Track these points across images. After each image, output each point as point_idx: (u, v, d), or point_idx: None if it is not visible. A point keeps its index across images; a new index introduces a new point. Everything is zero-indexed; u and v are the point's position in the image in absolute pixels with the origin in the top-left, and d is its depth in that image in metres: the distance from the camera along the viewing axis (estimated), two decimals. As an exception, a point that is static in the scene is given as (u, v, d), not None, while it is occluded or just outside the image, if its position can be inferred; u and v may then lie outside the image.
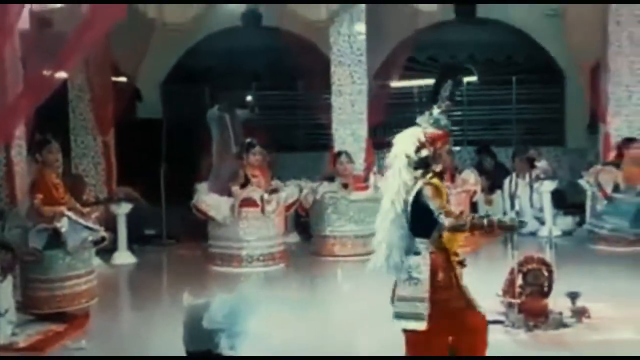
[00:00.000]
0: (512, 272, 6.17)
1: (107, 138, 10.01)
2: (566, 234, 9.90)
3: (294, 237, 9.82)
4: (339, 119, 9.86)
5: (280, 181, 9.13)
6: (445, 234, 4.19)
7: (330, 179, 9.26)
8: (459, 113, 13.15)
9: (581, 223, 9.97)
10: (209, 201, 8.57)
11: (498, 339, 5.77)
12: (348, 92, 9.82)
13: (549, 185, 10.01)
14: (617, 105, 9.73)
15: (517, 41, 12.46)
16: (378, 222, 4.33)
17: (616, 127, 9.73)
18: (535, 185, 10.04)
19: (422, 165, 4.18)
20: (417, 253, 4.22)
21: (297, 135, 12.95)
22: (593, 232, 9.40)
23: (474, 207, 9.94)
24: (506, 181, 10.31)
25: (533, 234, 9.48)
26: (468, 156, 12.19)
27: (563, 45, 10.61)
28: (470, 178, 9.57)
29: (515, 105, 12.94)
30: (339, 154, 9.42)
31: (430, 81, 12.97)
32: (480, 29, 12.62)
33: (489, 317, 6.01)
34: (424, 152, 4.19)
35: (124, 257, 9.01)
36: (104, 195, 9.67)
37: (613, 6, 9.64)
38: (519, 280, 6.11)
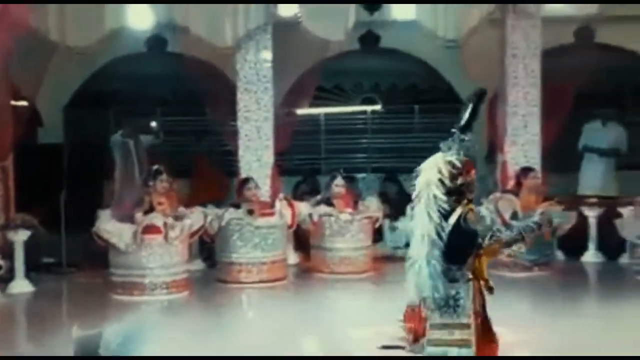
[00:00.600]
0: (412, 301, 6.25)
1: (6, 163, 9.70)
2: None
3: (198, 264, 9.74)
4: (245, 145, 9.86)
5: (185, 208, 9.04)
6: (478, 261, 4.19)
7: (236, 205, 9.24)
8: (363, 140, 13.39)
9: (480, 249, 10.20)
10: (111, 228, 8.40)
11: (399, 366, 5.88)
12: (254, 119, 9.85)
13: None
14: (514, 134, 10.07)
15: (420, 71, 12.77)
16: (414, 255, 4.16)
17: (513, 156, 10.07)
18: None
19: (457, 193, 4.16)
20: (455, 280, 4.18)
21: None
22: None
23: (377, 233, 10.08)
24: (409, 208, 10.45)
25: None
26: (372, 184, 12.37)
27: (463, 76, 10.93)
28: (373, 205, 9.71)
29: (417, 133, 13.24)
30: (247, 180, 9.42)
31: (337, 109, 13.34)
32: (384, 59, 12.90)
33: (389, 343, 6.18)
34: (460, 180, 4.18)
35: (21, 285, 8.72)
36: (0, 222, 9.36)
37: (510, 39, 10.01)
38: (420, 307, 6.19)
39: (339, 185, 9.63)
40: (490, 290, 4.35)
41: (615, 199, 10.26)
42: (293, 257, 9.95)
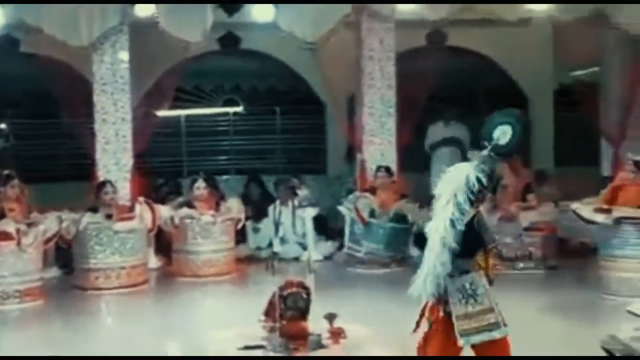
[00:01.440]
0: (272, 296, 6.33)
1: None
2: (327, 258, 10.32)
3: (54, 272, 9.42)
4: (102, 148, 9.65)
5: (39, 213, 8.74)
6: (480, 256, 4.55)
7: (94, 209, 9.02)
8: (225, 142, 13.38)
9: (341, 247, 10.45)
10: (-41, 236, 8.02)
11: (260, 364, 5.92)
12: (112, 121, 9.65)
13: (311, 212, 10.43)
14: (371, 135, 10.33)
15: (280, 72, 12.88)
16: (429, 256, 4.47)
17: (370, 156, 10.33)
18: (298, 212, 10.40)
19: (476, 202, 4.45)
20: (467, 271, 4.48)
21: (58, 165, 12.48)
22: (351, 255, 9.88)
23: (240, 234, 10.10)
24: (270, 209, 10.58)
25: (296, 259, 9.79)
26: (236, 185, 12.38)
27: (325, 77, 11.11)
28: (234, 206, 9.72)
29: (279, 135, 13.36)
30: (104, 183, 9.21)
31: (198, 111, 13.26)
32: (245, 60, 12.92)
33: (250, 343, 6.21)
34: (482, 193, 4.48)
35: None
36: None
37: (366, 42, 10.27)
38: (280, 305, 6.27)
39: (200, 187, 9.59)
40: (491, 282, 4.63)
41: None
42: (154, 261, 9.81)
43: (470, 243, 4.44)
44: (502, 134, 4.66)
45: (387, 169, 10.08)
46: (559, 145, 12.78)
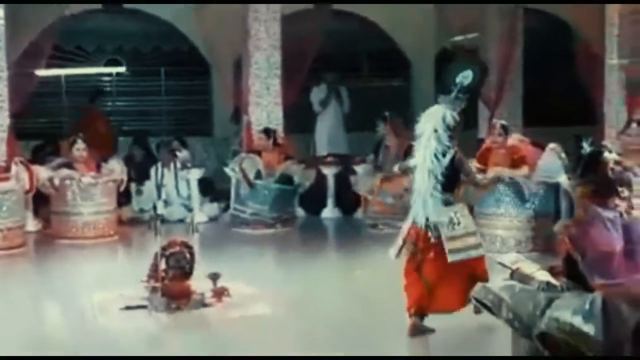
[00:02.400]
0: (155, 257, 6.29)
1: None
2: (212, 219, 10.29)
3: None
4: (-23, 107, 9.23)
5: None
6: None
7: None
8: (108, 103, 13.07)
9: (227, 209, 10.44)
10: None
11: (140, 324, 5.89)
12: (-12, 80, 9.24)
13: (196, 174, 10.36)
14: (257, 96, 10.30)
15: (164, 33, 12.63)
16: (420, 188, 5.35)
17: (257, 118, 10.31)
18: (182, 173, 10.31)
19: (455, 134, 5.31)
20: (451, 203, 5.40)
21: None
22: (237, 216, 9.89)
23: (125, 196, 9.93)
24: (152, 171, 10.43)
25: (181, 220, 9.70)
26: (120, 146, 12.12)
27: (209, 38, 10.98)
28: (117, 168, 9.52)
29: (164, 96, 13.15)
30: None
31: (79, 70, 12.86)
32: (128, 19, 12.61)
33: (132, 303, 6.17)
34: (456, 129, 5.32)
35: None
36: None
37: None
38: (162, 264, 6.24)
39: (79, 148, 9.34)
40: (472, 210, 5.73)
41: (349, 157, 10.89)
42: (32, 224, 9.53)
43: (452, 178, 5.38)
44: (464, 77, 5.44)
45: (273, 131, 10.10)
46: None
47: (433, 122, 5.27)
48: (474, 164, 8.27)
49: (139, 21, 12.64)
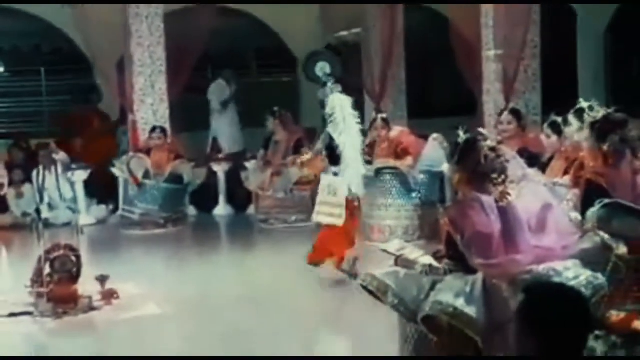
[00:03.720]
0: (39, 261, 6.11)
1: None
2: (100, 222, 10.06)
3: None
4: None
5: None
6: None
7: None
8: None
9: (115, 210, 10.22)
10: None
11: (26, 331, 5.71)
12: None
13: (81, 175, 10.10)
14: (143, 94, 10.14)
15: (45, 32, 12.26)
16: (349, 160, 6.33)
17: (143, 116, 10.15)
18: (66, 175, 10.02)
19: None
20: (335, 174, 6.45)
21: None
22: (126, 217, 9.70)
23: (2, 200, 9.59)
24: (34, 174, 10.09)
25: (68, 224, 9.43)
26: (-1, 149, 11.68)
27: (90, 38, 10.70)
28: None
29: (45, 97, 12.76)
30: None
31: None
32: (6, 18, 12.17)
33: (17, 310, 5.98)
34: None
35: None
36: None
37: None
38: (47, 269, 6.07)
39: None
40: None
41: (240, 154, 10.87)
42: None
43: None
44: (322, 68, 6.70)
45: (162, 129, 9.95)
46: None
47: (340, 105, 6.21)
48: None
49: (17, 20, 12.22)
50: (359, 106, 11.25)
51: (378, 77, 10.72)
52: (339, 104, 6.28)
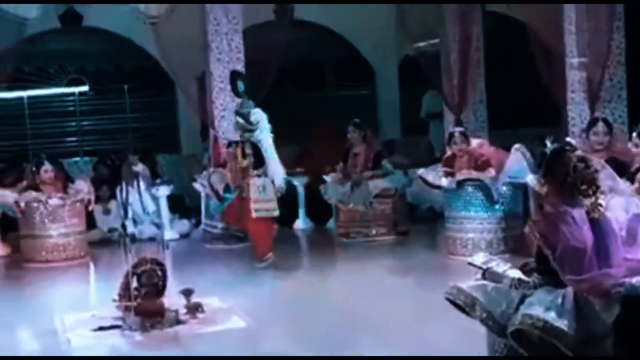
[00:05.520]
0: (126, 276, 6.23)
1: None
2: (184, 236, 10.22)
3: None
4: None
5: None
6: None
7: None
8: (73, 124, 12.96)
9: (198, 225, 10.37)
10: None
11: (115, 344, 5.82)
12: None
13: (164, 190, 10.29)
14: (223, 110, 10.29)
15: (126, 50, 12.57)
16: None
17: (223, 131, 10.29)
18: (152, 190, 10.23)
19: None
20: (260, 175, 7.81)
21: None
22: (208, 232, 9.83)
23: (90, 216, 9.83)
24: (117, 190, 10.33)
25: (152, 239, 9.59)
26: (85, 166, 12.03)
27: (170, 55, 10.91)
28: (84, 187, 9.42)
29: (129, 114, 13.07)
30: None
31: (41, 92, 12.74)
32: (88, 39, 12.54)
33: (106, 324, 6.11)
34: None
35: None
36: None
37: (211, 15, 10.15)
38: (134, 283, 6.18)
39: (46, 170, 9.24)
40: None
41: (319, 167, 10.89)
42: (1, 248, 9.41)
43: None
44: (239, 86, 8.04)
45: (237, 143, 10.02)
46: (405, 115, 13.18)
47: (261, 117, 7.73)
48: (441, 168, 8.36)
49: (99, 40, 12.58)
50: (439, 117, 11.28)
51: (457, 88, 10.61)
52: (260, 114, 7.68)
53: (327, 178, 10.01)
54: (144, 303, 6.15)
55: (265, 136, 7.68)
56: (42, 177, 9.20)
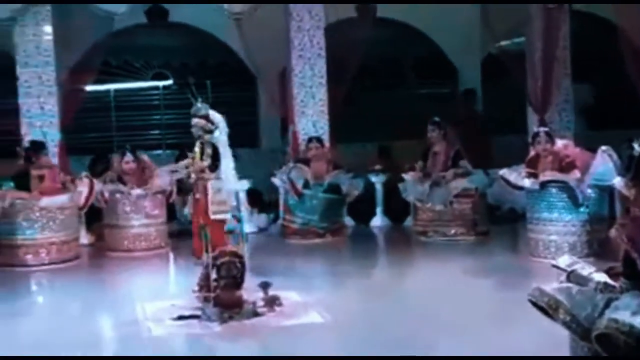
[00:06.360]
0: (206, 267, 6.32)
1: None
2: (262, 230, 10.32)
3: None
4: (28, 123, 9.44)
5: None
6: None
7: (20, 175, 8.81)
8: (156, 117, 13.21)
9: (276, 219, 10.45)
10: None
11: (193, 333, 5.90)
12: (36, 95, 9.44)
13: (244, 185, 10.37)
14: (303, 106, 10.34)
15: (210, 46, 12.74)
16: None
17: (303, 127, 10.34)
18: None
19: None
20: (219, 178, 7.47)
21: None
22: (286, 226, 9.89)
23: (171, 208, 10.00)
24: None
25: (231, 231, 9.68)
26: (167, 159, 12.23)
27: (253, 50, 11.02)
28: (165, 180, 9.60)
29: (212, 108, 13.21)
30: (40, 144, 9.05)
31: (127, 85, 13.01)
32: (173, 34, 12.75)
33: (184, 313, 6.20)
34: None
35: None
36: None
37: (294, 12, 10.23)
38: (213, 274, 6.26)
39: (129, 161, 9.45)
40: None
41: (398, 165, 10.83)
42: (86, 237, 9.65)
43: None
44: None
45: (319, 140, 10.11)
46: (487, 114, 12.99)
47: (218, 117, 7.67)
48: (524, 169, 8.20)
49: (184, 35, 12.77)
50: (522, 117, 11.08)
51: (542, 87, 10.39)
52: (218, 115, 7.71)
53: (406, 176, 9.94)
54: (223, 294, 6.22)
55: (223, 137, 7.67)
56: (124, 168, 9.40)
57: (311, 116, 10.34)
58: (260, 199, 11.17)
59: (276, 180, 10.24)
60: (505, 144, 12.19)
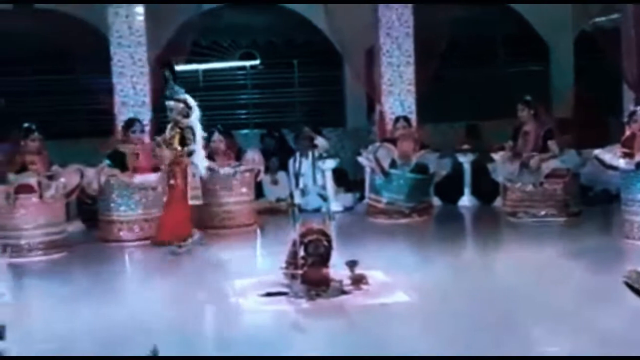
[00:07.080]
0: (293, 244, 6.35)
1: None
2: (347, 209, 10.32)
3: (78, 225, 9.46)
4: (121, 102, 9.66)
5: (60, 167, 8.77)
6: None
7: (115, 155, 9.06)
8: (244, 97, 13.34)
9: (362, 198, 10.43)
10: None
11: (281, 309, 5.95)
12: (129, 74, 9.65)
13: (330, 164, 10.41)
14: (391, 85, 10.25)
15: (297, 25, 12.76)
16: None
17: (390, 106, 10.26)
18: (318, 163, 10.38)
19: None
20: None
21: (76, 121, 12.48)
22: (372, 206, 9.86)
23: (259, 186, 10.10)
24: (290, 161, 10.56)
25: (317, 210, 9.74)
26: (254, 138, 12.36)
27: (340, 29, 10.97)
28: (255, 158, 9.69)
29: (297, 88, 13.29)
30: (133, 121, 9.33)
31: (215, 65, 13.18)
32: (261, 13, 12.81)
33: (272, 290, 6.26)
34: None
35: None
36: None
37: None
38: (301, 252, 6.29)
39: (217, 140, 9.56)
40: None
41: (487, 145, 10.63)
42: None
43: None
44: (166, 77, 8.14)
45: (406, 119, 10.02)
46: (580, 92, 12.63)
47: (192, 102, 7.94)
48: (619, 149, 7.94)
49: (271, 15, 12.81)
50: (617, 96, 10.72)
51: (638, 65, 10.02)
52: (192, 100, 7.94)
53: (496, 156, 9.75)
54: (310, 272, 6.25)
55: (197, 122, 7.88)
56: (214, 147, 9.52)
57: (398, 95, 10.25)
58: (346, 177, 11.18)
59: (362, 160, 10.20)
60: (599, 123, 11.83)
